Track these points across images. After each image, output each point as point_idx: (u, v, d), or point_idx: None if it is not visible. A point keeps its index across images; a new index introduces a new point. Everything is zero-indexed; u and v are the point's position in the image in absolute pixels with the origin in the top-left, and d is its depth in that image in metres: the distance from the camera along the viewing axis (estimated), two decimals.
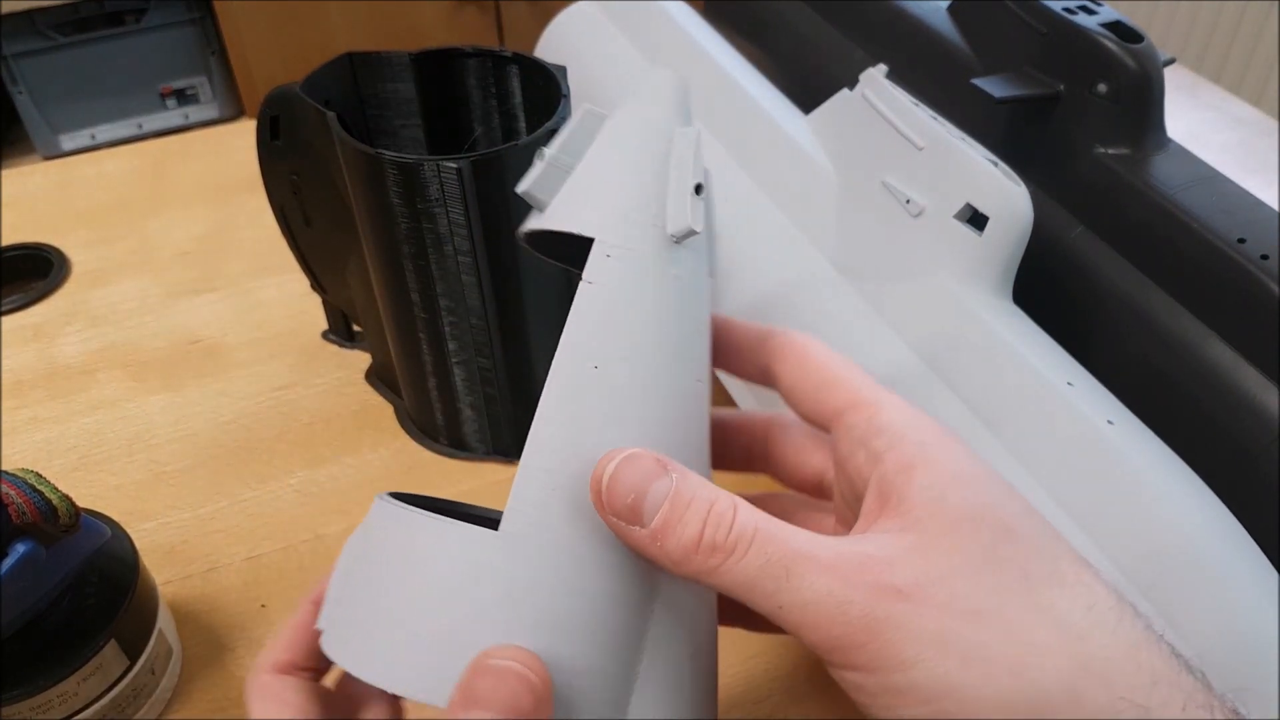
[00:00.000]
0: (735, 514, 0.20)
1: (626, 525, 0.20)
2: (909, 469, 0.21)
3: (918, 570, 0.19)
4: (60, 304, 0.54)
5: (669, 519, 0.20)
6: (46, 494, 0.30)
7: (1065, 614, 0.19)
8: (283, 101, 0.40)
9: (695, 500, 0.20)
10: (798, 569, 0.19)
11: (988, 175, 0.35)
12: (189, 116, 1.55)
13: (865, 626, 0.19)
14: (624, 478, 0.20)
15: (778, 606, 0.20)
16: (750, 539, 0.20)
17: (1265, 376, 0.33)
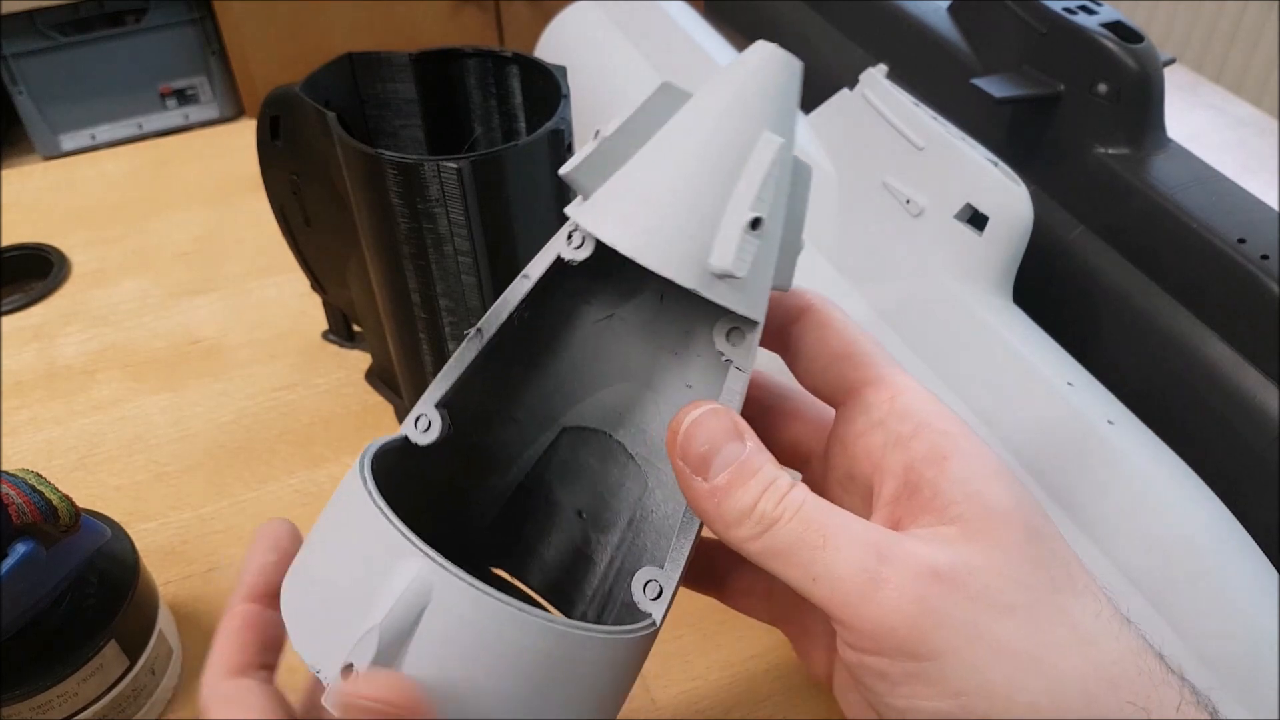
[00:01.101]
0: (791, 489, 0.20)
1: (690, 473, 0.21)
2: (941, 459, 0.20)
3: (956, 558, 0.19)
4: (60, 304, 0.54)
5: (733, 480, 0.20)
6: (47, 494, 0.30)
7: (1079, 618, 0.19)
8: (283, 102, 0.40)
9: (761, 472, 0.20)
10: (833, 539, 0.19)
11: (988, 175, 0.35)
12: (189, 116, 1.56)
13: (898, 608, 0.18)
14: (704, 428, 0.21)
15: (812, 579, 0.19)
16: (796, 509, 0.20)
17: (1265, 376, 0.33)
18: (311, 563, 0.22)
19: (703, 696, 0.35)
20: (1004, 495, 0.20)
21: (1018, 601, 0.19)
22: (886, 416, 0.22)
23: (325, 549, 0.21)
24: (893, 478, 0.21)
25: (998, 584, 0.19)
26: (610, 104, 0.55)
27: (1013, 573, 0.19)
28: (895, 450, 0.21)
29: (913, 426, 0.21)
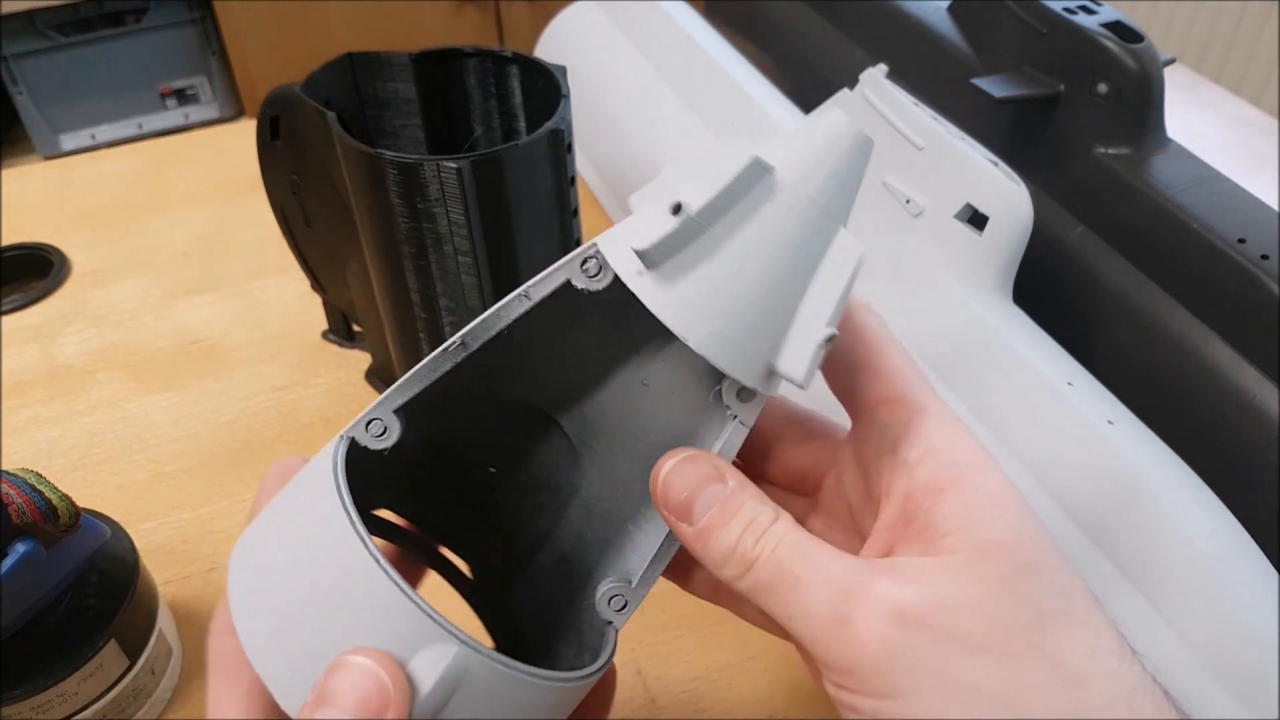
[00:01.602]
0: (771, 525, 0.20)
1: (676, 520, 0.21)
2: (939, 491, 0.20)
3: (929, 596, 0.19)
4: (60, 304, 0.54)
5: (714, 523, 0.20)
6: (47, 494, 0.30)
7: (1069, 657, 0.18)
8: (283, 101, 0.40)
9: (742, 511, 0.20)
10: (805, 580, 0.19)
11: (988, 175, 0.35)
12: (189, 116, 1.56)
13: (863, 648, 0.19)
14: (681, 476, 0.21)
15: (788, 617, 0.20)
16: (773, 548, 0.20)
17: (1265, 376, 0.33)
18: (278, 574, 0.20)
19: (703, 696, 0.35)
20: (999, 528, 0.19)
21: (991, 641, 0.18)
22: (897, 439, 0.21)
23: (298, 567, 0.20)
24: (892, 504, 0.21)
25: (970, 623, 0.18)
26: (610, 104, 0.55)
27: (990, 610, 0.18)
28: (899, 475, 0.21)
29: (920, 453, 0.20)
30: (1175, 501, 0.30)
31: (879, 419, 0.21)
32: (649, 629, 0.37)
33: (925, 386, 0.22)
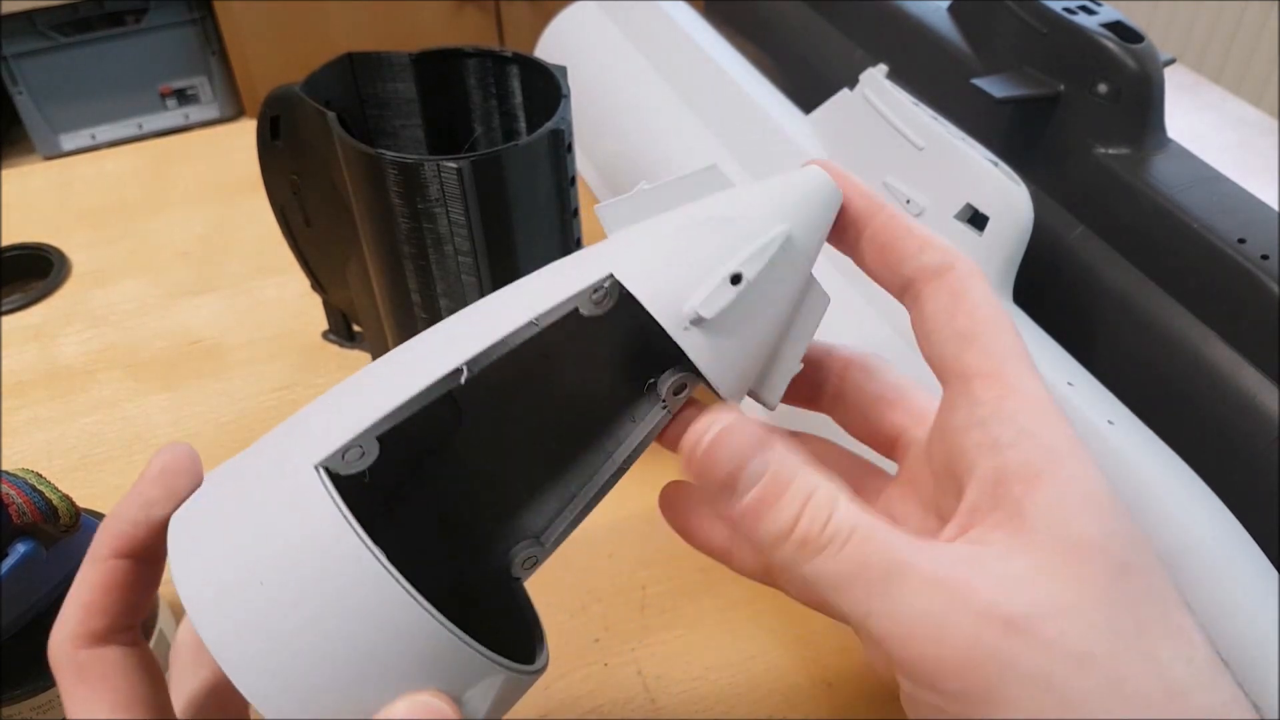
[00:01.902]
0: (834, 508, 0.19)
1: (719, 495, 0.20)
2: (1034, 478, 0.18)
3: (1031, 600, 0.17)
4: (60, 304, 0.54)
5: (763, 500, 0.19)
6: (47, 494, 0.30)
7: (1169, 666, 0.17)
8: (283, 101, 0.40)
9: (793, 486, 0.19)
10: (897, 580, 0.18)
11: (988, 175, 0.35)
12: (189, 116, 1.56)
13: (965, 656, 0.17)
14: (725, 447, 0.19)
15: (865, 614, 0.18)
16: (847, 537, 0.18)
17: (1265, 377, 0.33)
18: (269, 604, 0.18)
19: (703, 696, 0.35)
20: (1092, 526, 0.18)
21: (1096, 650, 0.17)
22: (990, 416, 0.19)
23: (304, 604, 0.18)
24: (979, 485, 0.19)
25: (1076, 628, 0.17)
26: (610, 104, 0.55)
27: (1091, 615, 0.17)
28: (989, 455, 0.19)
29: (1014, 433, 0.19)
30: (1175, 501, 0.30)
31: (973, 391, 0.20)
32: (649, 629, 0.37)
33: (1027, 364, 0.20)
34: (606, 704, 0.35)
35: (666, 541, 0.40)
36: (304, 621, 0.18)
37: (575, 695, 0.35)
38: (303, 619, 0.18)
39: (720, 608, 0.37)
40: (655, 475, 0.44)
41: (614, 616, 0.37)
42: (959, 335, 0.20)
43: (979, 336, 0.20)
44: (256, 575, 0.18)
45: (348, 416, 0.20)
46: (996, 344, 0.20)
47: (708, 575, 0.39)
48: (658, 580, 0.39)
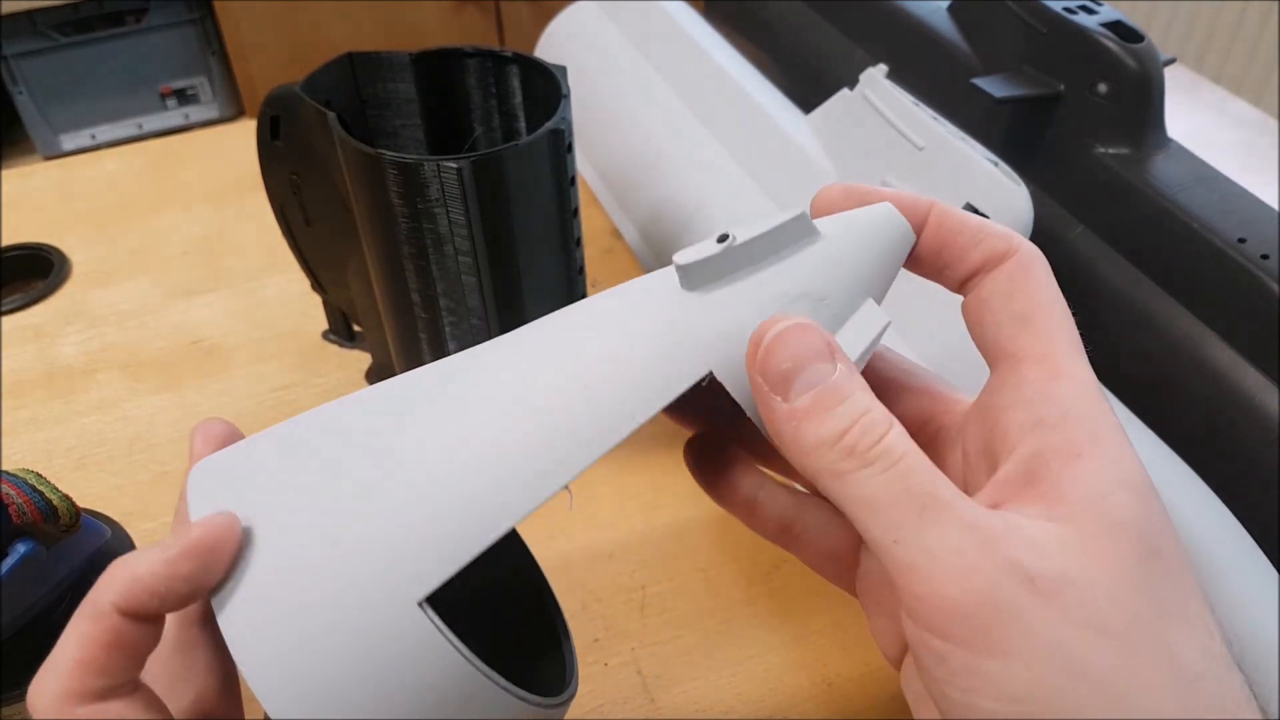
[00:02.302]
0: (889, 430, 0.19)
1: (768, 391, 0.19)
2: (1074, 457, 0.19)
3: (1059, 566, 0.17)
4: (61, 304, 0.54)
5: (817, 403, 0.19)
6: (47, 494, 0.30)
7: (1183, 654, 0.17)
8: (283, 101, 0.40)
9: (852, 399, 0.19)
10: (934, 511, 0.18)
11: (988, 175, 0.35)
12: (189, 116, 1.56)
13: (983, 601, 0.17)
14: (789, 344, 0.19)
15: (893, 540, 0.18)
16: (895, 460, 0.18)
17: (1265, 376, 0.33)
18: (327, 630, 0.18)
19: (703, 696, 0.35)
20: (1127, 506, 0.18)
21: (1114, 625, 0.17)
22: (1036, 397, 0.19)
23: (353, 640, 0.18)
24: (1017, 460, 0.19)
25: (1096, 601, 0.17)
26: (611, 104, 0.55)
27: (1116, 593, 0.17)
28: (1032, 434, 0.19)
29: (1058, 414, 0.19)
30: (1175, 501, 0.30)
31: (1022, 373, 0.20)
32: (649, 629, 0.37)
33: (1077, 349, 0.20)
34: (606, 704, 0.35)
35: (666, 541, 0.40)
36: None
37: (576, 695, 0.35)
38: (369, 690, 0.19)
39: (720, 607, 0.37)
40: (655, 475, 0.44)
41: (614, 616, 0.37)
42: (1015, 318, 0.20)
43: (1035, 321, 0.20)
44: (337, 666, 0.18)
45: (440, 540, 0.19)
46: (1051, 328, 0.20)
47: (707, 575, 0.39)
48: (658, 580, 0.39)
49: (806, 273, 0.21)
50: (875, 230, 0.21)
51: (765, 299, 0.20)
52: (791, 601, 0.38)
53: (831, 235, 0.21)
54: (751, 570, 0.39)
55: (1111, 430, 0.19)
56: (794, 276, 0.21)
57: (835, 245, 0.21)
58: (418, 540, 0.19)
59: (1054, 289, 0.21)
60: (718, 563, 0.39)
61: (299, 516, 0.20)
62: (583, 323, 0.21)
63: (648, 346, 0.20)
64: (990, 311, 0.21)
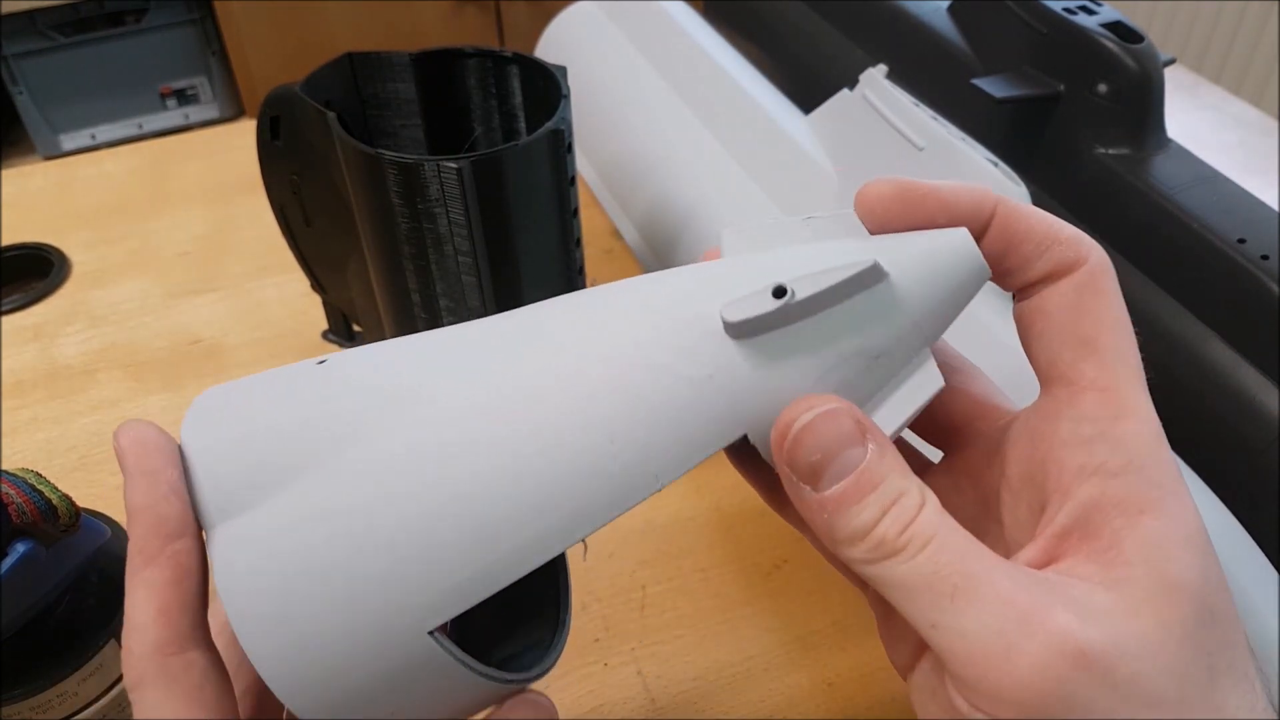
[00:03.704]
0: (919, 512, 0.18)
1: (797, 481, 0.18)
2: (1137, 513, 0.17)
3: (1112, 636, 0.17)
4: (60, 304, 0.54)
5: (848, 495, 0.18)
6: (46, 494, 0.30)
7: (1233, 715, 0.17)
8: (283, 102, 0.40)
9: (884, 485, 0.18)
10: (967, 592, 0.17)
11: (988, 175, 0.35)
12: (189, 116, 1.56)
13: (1029, 683, 0.16)
14: (818, 434, 0.18)
15: (931, 625, 0.17)
16: (924, 544, 0.17)
17: (1265, 377, 0.33)
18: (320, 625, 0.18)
19: (703, 696, 0.35)
20: (1188, 568, 0.17)
21: (1168, 695, 0.17)
22: (1098, 437, 0.18)
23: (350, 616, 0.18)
24: (1074, 509, 0.18)
25: (1150, 671, 0.16)
26: (610, 104, 0.55)
27: (1169, 659, 0.17)
28: (1092, 479, 0.18)
29: (1122, 462, 0.18)
30: None
31: (1082, 404, 0.19)
32: (649, 629, 0.37)
33: (1141, 382, 0.19)
34: (606, 704, 0.35)
35: (666, 541, 0.40)
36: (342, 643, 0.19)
37: (575, 695, 0.35)
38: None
39: (720, 607, 0.37)
40: None
41: (614, 616, 0.37)
42: (1080, 340, 0.19)
43: (1101, 346, 0.19)
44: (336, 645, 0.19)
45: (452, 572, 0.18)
46: (1117, 356, 0.19)
47: (707, 575, 0.39)
48: (658, 580, 0.39)
49: (865, 326, 0.19)
50: (947, 271, 0.19)
51: (817, 359, 0.19)
52: (791, 601, 0.38)
53: (898, 277, 0.19)
54: (752, 570, 0.39)
55: (1175, 481, 0.18)
56: (851, 331, 0.19)
57: (900, 292, 0.19)
58: (422, 579, 0.19)
59: (1122, 307, 0.19)
60: (718, 563, 0.39)
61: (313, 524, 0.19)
62: (607, 351, 0.19)
63: (682, 398, 0.19)
64: (1052, 328, 0.19)
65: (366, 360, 0.21)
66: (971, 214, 0.19)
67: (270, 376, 0.21)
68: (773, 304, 0.18)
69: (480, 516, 0.18)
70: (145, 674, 0.19)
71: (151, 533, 0.19)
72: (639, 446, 0.18)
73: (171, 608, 0.19)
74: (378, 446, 0.19)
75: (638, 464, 0.18)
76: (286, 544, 0.19)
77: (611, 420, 0.18)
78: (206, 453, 0.20)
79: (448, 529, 0.18)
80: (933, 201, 0.19)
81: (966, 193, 0.19)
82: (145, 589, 0.19)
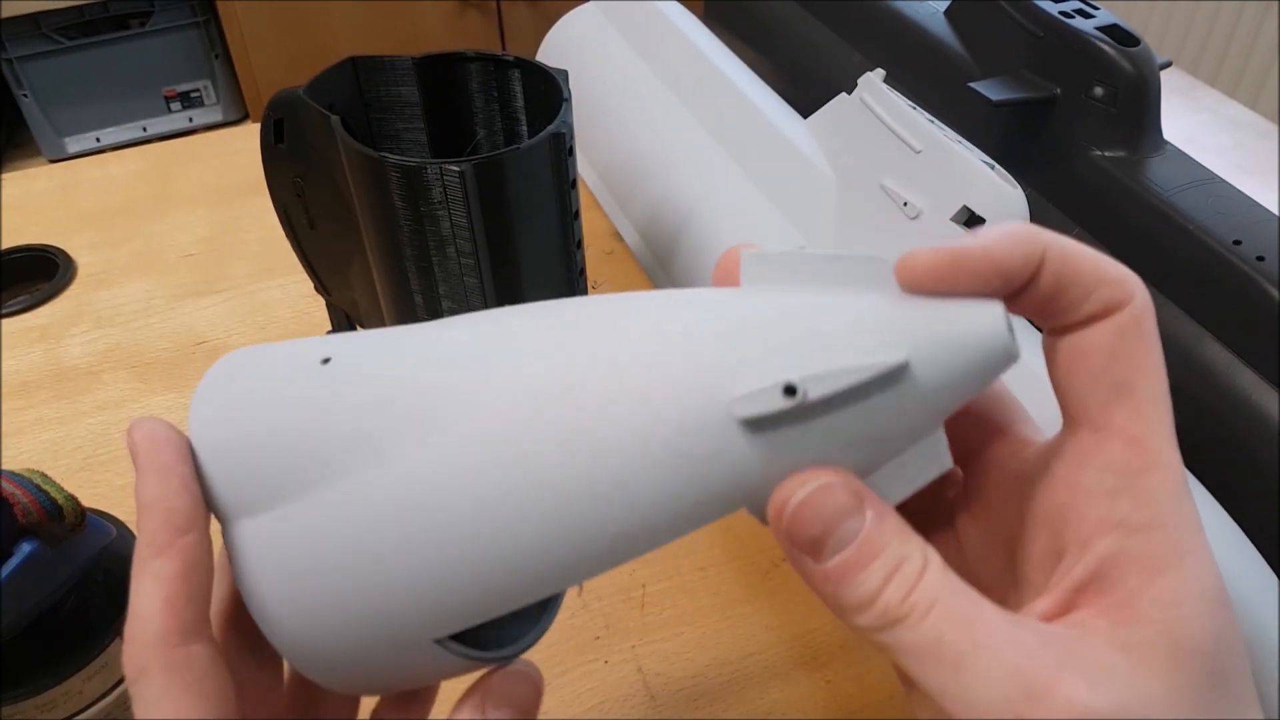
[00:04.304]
0: (921, 578, 0.18)
1: (800, 554, 0.18)
2: (1156, 571, 0.17)
3: (1120, 700, 0.16)
4: (66, 305, 0.54)
5: (850, 566, 0.18)
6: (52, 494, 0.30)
7: None
8: (286, 105, 0.40)
9: (885, 552, 0.18)
10: (973, 661, 0.17)
11: (985, 178, 0.35)
12: (193, 119, 1.56)
13: None
14: (816, 510, 0.18)
15: (939, 691, 0.17)
16: (926, 610, 0.17)
17: (1262, 378, 0.33)
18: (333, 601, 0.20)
19: (702, 694, 0.35)
20: (1201, 630, 0.17)
21: None
22: (1122, 490, 0.18)
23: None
24: (1091, 563, 0.18)
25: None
26: (612, 107, 0.55)
27: None
28: (1113, 534, 0.18)
29: (1146, 518, 0.18)
30: None
31: (1108, 452, 0.18)
32: (649, 627, 0.37)
33: (1170, 431, 0.19)
34: (606, 701, 0.35)
35: None
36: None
37: (575, 692, 0.35)
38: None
39: (720, 606, 0.38)
40: None
41: (614, 614, 0.37)
42: (1114, 384, 0.18)
43: (1135, 393, 0.18)
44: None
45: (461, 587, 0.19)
46: (1150, 403, 0.18)
47: (707, 574, 0.39)
48: (657, 578, 0.39)
49: (879, 420, 0.18)
50: (976, 359, 0.18)
51: (823, 445, 0.18)
52: (791, 600, 0.38)
53: (921, 367, 0.18)
54: (751, 569, 0.39)
55: (1195, 536, 0.18)
56: (863, 423, 0.18)
57: (922, 385, 0.18)
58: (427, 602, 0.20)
59: (1159, 348, 0.18)
60: (718, 561, 0.39)
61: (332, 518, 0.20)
62: (615, 411, 0.19)
63: (684, 474, 0.19)
64: (1086, 369, 0.18)
65: (381, 362, 0.21)
66: (1022, 267, 0.18)
67: (281, 358, 0.22)
68: (783, 402, 0.18)
69: (480, 563, 0.19)
70: (148, 665, 0.19)
71: (162, 525, 0.19)
72: (638, 515, 0.19)
73: (178, 599, 0.19)
74: (393, 473, 0.20)
75: (634, 528, 0.19)
76: (308, 549, 0.20)
77: (612, 486, 0.19)
78: (220, 450, 0.21)
79: (447, 567, 0.19)
80: (984, 265, 0.18)
81: (1016, 245, 0.18)
82: (153, 580, 0.19)
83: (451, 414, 0.20)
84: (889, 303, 0.18)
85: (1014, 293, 0.18)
